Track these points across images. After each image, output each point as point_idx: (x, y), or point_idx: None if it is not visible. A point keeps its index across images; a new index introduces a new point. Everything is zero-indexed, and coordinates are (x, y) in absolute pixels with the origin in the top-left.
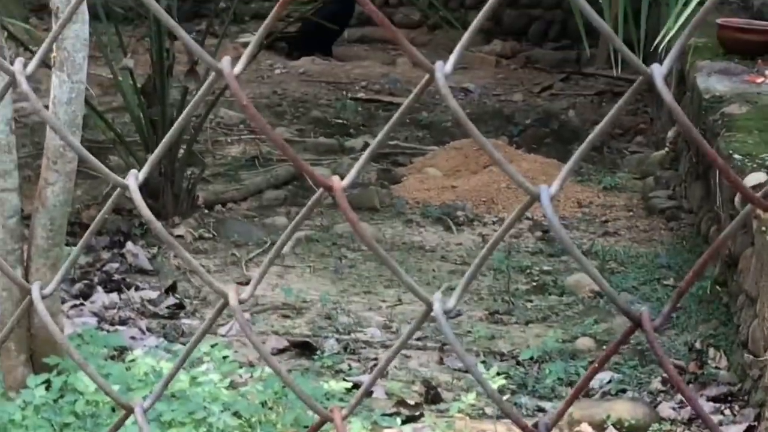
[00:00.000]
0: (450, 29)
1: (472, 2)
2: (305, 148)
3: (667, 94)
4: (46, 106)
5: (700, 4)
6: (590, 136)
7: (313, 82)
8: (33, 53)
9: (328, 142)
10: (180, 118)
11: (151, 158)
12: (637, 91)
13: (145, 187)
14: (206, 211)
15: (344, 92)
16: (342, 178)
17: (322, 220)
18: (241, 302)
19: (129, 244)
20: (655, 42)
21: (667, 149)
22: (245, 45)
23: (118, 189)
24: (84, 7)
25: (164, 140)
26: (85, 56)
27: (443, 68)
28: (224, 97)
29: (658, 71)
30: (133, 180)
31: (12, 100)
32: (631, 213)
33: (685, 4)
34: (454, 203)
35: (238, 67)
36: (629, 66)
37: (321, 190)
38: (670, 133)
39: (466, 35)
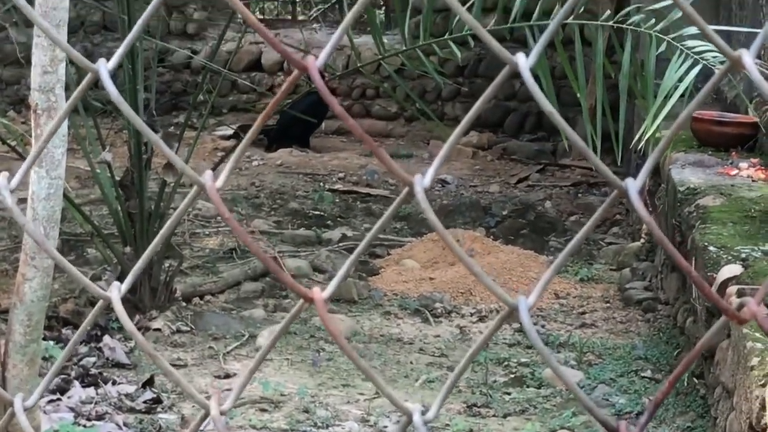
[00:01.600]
0: (427, 121)
1: (448, 94)
2: (282, 239)
3: (641, 210)
4: (24, 199)
5: (681, 96)
6: (567, 248)
7: (290, 173)
8: (10, 147)
9: (305, 233)
10: (162, 230)
11: (134, 270)
12: (612, 204)
13: (122, 281)
14: (184, 303)
15: (321, 184)
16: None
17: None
18: (222, 413)
19: (106, 338)
20: (633, 142)
21: (642, 241)
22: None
23: (100, 301)
24: (63, 103)
25: (146, 252)
26: (63, 152)
27: (422, 182)
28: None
29: (633, 186)
30: (116, 292)
31: None
32: (608, 304)
33: (665, 99)
34: (431, 295)
35: (220, 182)
36: (606, 158)
37: (301, 301)
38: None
39: (445, 147)
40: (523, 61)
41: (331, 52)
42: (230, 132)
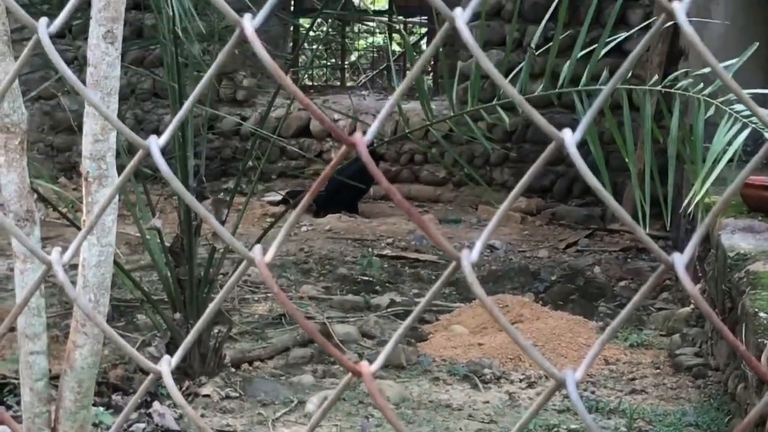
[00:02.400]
0: (475, 186)
1: (496, 159)
2: (331, 305)
3: (688, 284)
4: (75, 266)
5: (730, 161)
6: (615, 321)
7: (339, 239)
8: (62, 214)
9: (354, 299)
10: (212, 305)
11: (185, 342)
12: (659, 278)
13: (173, 347)
14: (233, 369)
15: (370, 249)
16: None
17: (345, 377)
18: None
19: (156, 404)
20: (682, 207)
21: (692, 306)
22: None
23: (151, 375)
24: (114, 171)
25: (197, 325)
26: (114, 219)
27: (469, 257)
28: None
29: (680, 261)
30: (166, 367)
31: None
32: (658, 370)
33: (714, 164)
34: (480, 360)
35: (269, 256)
36: (655, 222)
37: (349, 375)
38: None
39: (494, 219)
40: (569, 138)
41: (379, 128)
42: (279, 198)
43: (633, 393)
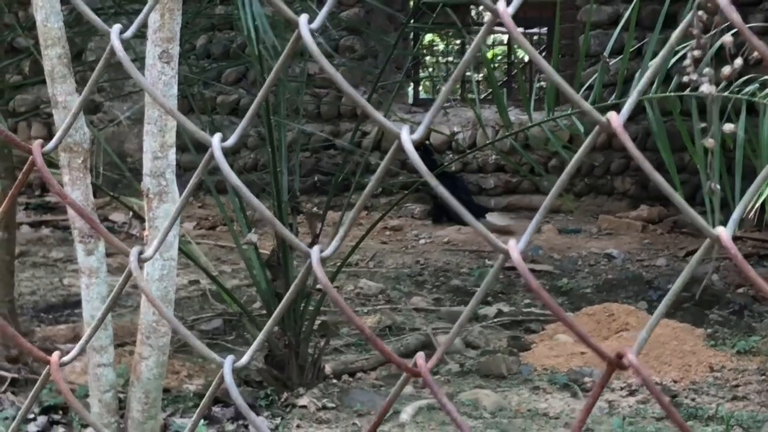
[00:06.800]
0: (597, 195)
1: (617, 169)
2: (439, 316)
3: (734, 250)
4: (135, 286)
5: None
6: (663, 302)
7: (456, 250)
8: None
9: (462, 310)
10: (283, 302)
11: (255, 343)
12: (705, 252)
13: (271, 359)
14: (333, 381)
15: (486, 260)
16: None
17: (447, 388)
18: None
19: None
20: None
21: None
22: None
23: (217, 377)
24: (174, 187)
25: (268, 324)
26: (176, 234)
27: (517, 247)
28: (367, 267)
29: (725, 232)
30: (228, 365)
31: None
32: (763, 377)
33: None
34: (581, 369)
35: (329, 251)
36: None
37: (405, 375)
38: None
39: (541, 209)
40: (615, 118)
41: (428, 126)
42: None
43: (734, 400)
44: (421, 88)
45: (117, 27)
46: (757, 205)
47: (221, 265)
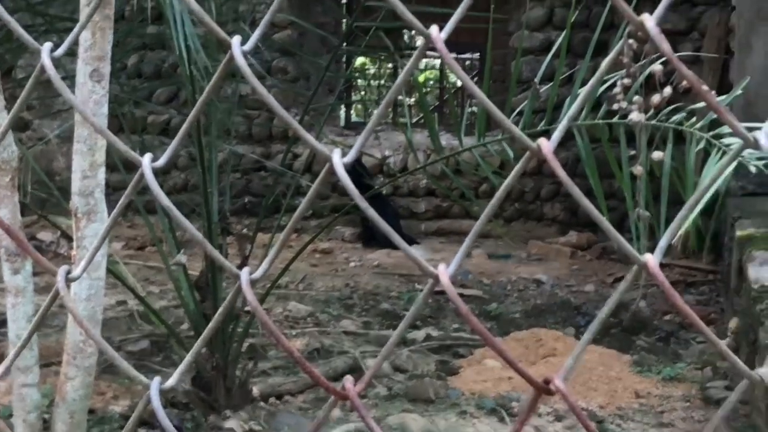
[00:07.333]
0: (527, 221)
1: (547, 194)
2: (367, 340)
3: (664, 283)
4: (62, 306)
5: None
6: (591, 326)
7: (386, 274)
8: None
9: (391, 334)
10: (211, 323)
11: (182, 364)
12: (634, 277)
13: (198, 381)
14: (261, 403)
15: (416, 284)
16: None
17: (375, 411)
18: None
19: None
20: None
21: (728, 339)
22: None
23: (143, 397)
24: (103, 206)
25: (195, 345)
26: (104, 254)
27: (446, 272)
28: (296, 289)
29: (652, 260)
30: (154, 387)
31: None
32: (688, 404)
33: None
34: (509, 394)
35: (258, 273)
36: (705, 257)
37: (333, 398)
38: (732, 324)
39: (471, 234)
40: (546, 145)
41: (360, 148)
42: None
43: (660, 426)
44: (353, 111)
45: (48, 45)
46: (681, 232)
47: (149, 286)
